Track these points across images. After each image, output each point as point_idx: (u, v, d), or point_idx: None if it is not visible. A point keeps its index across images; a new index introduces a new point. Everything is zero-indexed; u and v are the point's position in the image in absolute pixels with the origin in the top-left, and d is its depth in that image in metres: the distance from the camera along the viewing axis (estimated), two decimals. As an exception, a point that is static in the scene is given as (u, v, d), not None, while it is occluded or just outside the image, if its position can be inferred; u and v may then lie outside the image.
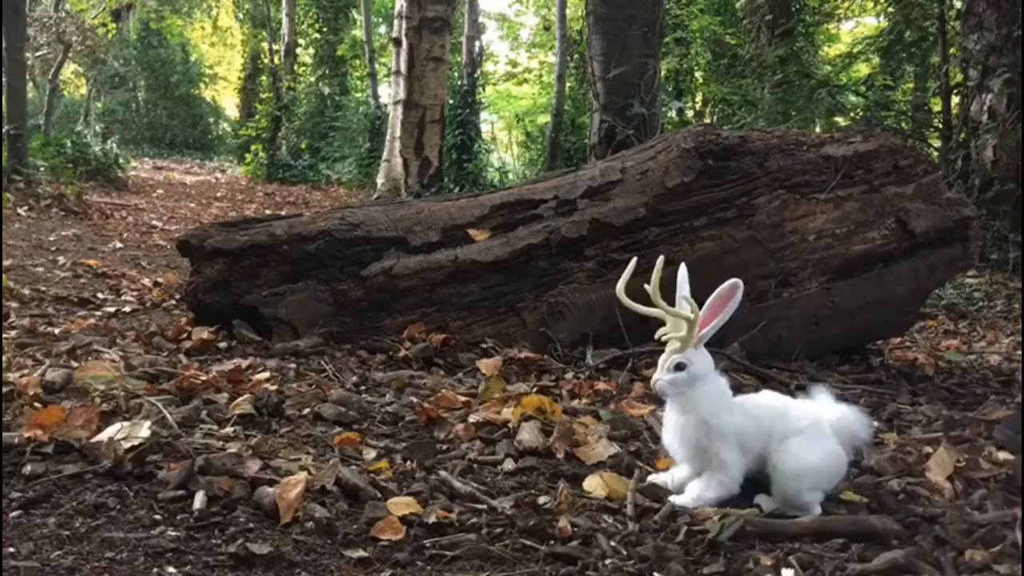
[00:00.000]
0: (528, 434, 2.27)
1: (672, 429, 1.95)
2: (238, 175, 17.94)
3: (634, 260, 2.08)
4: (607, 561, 1.59)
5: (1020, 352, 4.61)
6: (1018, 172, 8.24)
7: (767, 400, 1.99)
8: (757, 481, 1.92)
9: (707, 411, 1.89)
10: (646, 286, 1.93)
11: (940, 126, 9.80)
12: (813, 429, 1.88)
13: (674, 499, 1.93)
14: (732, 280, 1.94)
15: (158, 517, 1.64)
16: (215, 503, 1.71)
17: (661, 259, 1.94)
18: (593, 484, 2.02)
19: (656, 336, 1.97)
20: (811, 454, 1.84)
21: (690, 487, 1.94)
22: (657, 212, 3.42)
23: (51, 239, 6.48)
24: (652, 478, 2.05)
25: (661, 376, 1.90)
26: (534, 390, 2.79)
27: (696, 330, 1.90)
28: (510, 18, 24.13)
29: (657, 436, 2.24)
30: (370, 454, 2.13)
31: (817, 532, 1.72)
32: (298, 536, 1.61)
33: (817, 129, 10.34)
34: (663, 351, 1.95)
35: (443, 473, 1.99)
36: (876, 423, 2.70)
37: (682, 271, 1.97)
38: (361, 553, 1.56)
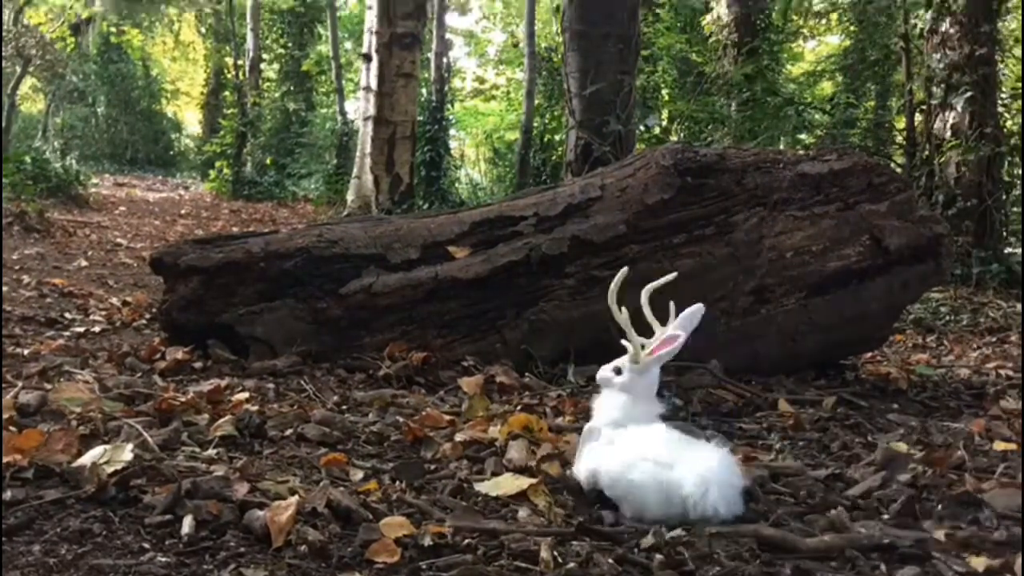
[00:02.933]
0: (516, 452, 2.26)
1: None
2: (202, 192, 17.73)
3: (625, 269, 2.14)
4: (606, 581, 1.58)
5: (988, 366, 4.69)
6: (980, 189, 8.44)
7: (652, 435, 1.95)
8: None
9: (598, 421, 2.03)
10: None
11: (903, 143, 10.00)
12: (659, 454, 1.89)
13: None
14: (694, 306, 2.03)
15: (146, 544, 1.59)
16: (204, 527, 1.67)
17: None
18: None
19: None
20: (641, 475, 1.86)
21: None
22: (637, 229, 3.43)
23: (14, 257, 6.35)
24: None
25: (605, 368, 2.07)
26: (518, 408, 2.78)
27: (639, 354, 2.01)
28: (477, 35, 24.25)
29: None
30: (357, 475, 2.10)
31: (830, 548, 1.72)
32: (291, 560, 1.58)
33: (782, 146, 10.48)
34: None
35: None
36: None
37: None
38: (357, 577, 1.53)
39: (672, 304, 2.02)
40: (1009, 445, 2.62)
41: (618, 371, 2.03)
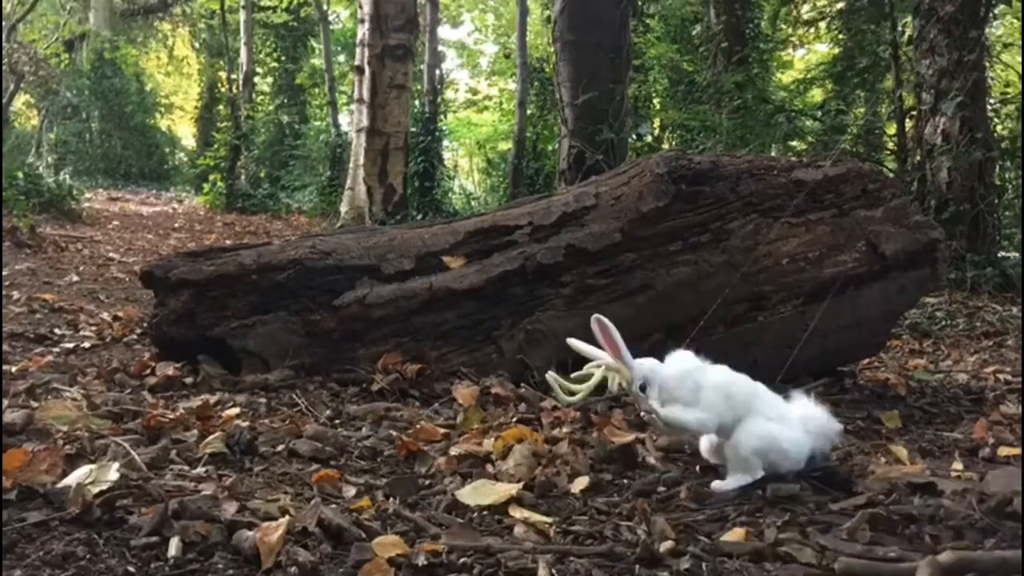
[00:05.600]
0: (512, 465, 2.22)
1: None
2: (196, 205, 17.69)
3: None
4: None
5: (987, 370, 4.67)
6: (972, 193, 8.44)
7: (741, 379, 2.18)
8: None
9: (685, 401, 2.09)
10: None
11: (894, 149, 10.01)
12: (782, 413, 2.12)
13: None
14: (595, 316, 2.18)
15: (131, 567, 1.55)
16: (191, 549, 1.62)
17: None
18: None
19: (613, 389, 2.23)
20: (771, 426, 2.06)
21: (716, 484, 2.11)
22: (632, 237, 3.39)
23: (4, 273, 6.29)
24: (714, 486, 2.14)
25: (644, 407, 2.12)
26: (513, 420, 2.74)
27: (623, 360, 2.14)
28: (469, 46, 24.31)
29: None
30: (350, 491, 2.05)
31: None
32: (282, 582, 1.54)
33: (774, 153, 10.49)
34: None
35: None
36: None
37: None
38: (349, 598, 1.49)
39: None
40: (1011, 450, 2.60)
41: (644, 387, 2.12)
